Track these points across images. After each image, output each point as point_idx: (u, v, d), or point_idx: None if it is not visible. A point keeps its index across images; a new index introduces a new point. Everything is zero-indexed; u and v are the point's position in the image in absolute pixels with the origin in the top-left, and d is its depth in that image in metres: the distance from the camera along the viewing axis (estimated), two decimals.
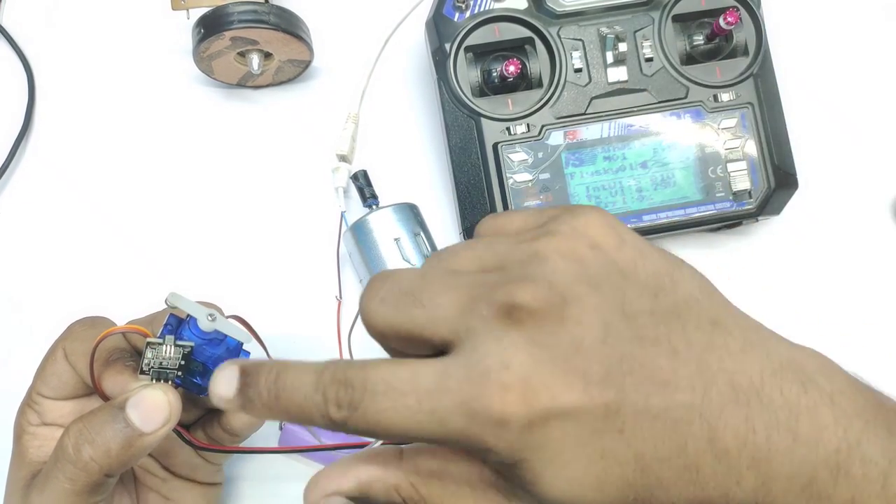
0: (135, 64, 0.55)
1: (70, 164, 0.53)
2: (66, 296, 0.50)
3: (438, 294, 0.27)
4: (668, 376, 0.27)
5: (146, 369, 0.35)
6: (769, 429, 0.27)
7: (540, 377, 0.25)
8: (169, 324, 0.35)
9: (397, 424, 0.25)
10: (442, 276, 0.28)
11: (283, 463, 0.47)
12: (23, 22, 0.56)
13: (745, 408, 0.27)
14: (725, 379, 0.27)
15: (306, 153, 0.53)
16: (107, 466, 0.33)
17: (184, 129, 0.54)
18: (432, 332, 0.27)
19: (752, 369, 0.27)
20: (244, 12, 0.48)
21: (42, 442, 0.37)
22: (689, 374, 0.27)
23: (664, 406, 0.26)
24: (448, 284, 0.27)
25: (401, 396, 0.25)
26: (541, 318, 0.26)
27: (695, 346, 0.27)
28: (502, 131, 0.47)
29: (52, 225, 0.52)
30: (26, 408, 0.37)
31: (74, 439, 0.33)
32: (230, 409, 0.28)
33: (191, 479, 0.41)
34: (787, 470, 0.27)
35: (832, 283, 0.50)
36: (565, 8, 0.47)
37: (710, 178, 0.47)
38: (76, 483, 0.33)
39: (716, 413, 0.27)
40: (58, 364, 0.37)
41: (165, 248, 0.51)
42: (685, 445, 0.27)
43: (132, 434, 0.33)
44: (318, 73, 0.55)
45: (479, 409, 0.25)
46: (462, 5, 0.47)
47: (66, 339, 0.37)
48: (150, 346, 0.34)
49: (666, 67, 0.47)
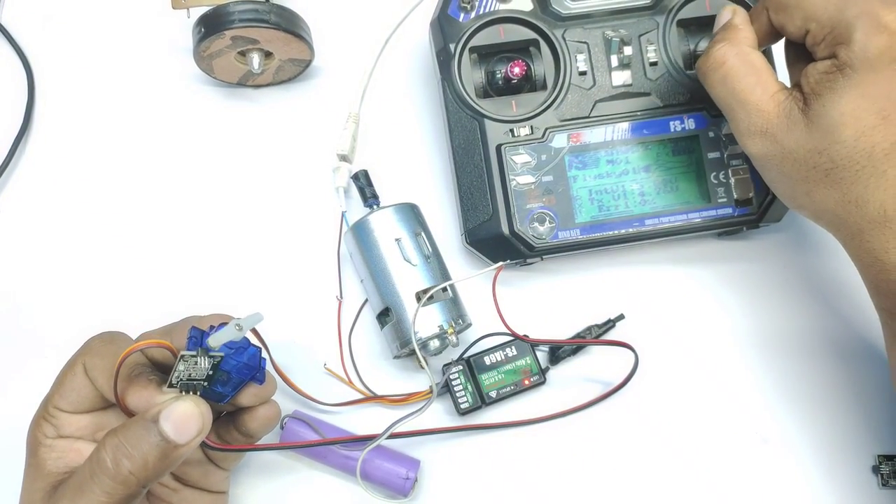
0: (135, 63, 0.55)
1: (70, 163, 0.53)
2: (65, 297, 0.50)
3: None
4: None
5: (175, 382, 0.35)
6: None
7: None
8: (193, 337, 0.35)
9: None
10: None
11: (283, 462, 0.47)
12: (23, 21, 0.56)
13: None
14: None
15: (307, 153, 0.52)
16: (144, 479, 0.34)
17: (184, 129, 0.53)
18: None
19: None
20: (245, 11, 0.47)
21: (60, 454, 0.37)
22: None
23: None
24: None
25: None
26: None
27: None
28: (506, 133, 0.46)
29: (51, 225, 0.52)
30: (42, 420, 0.37)
31: (113, 454, 0.33)
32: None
33: (201, 488, 0.41)
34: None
35: (833, 289, 0.50)
36: (571, 10, 0.47)
37: (712, 183, 0.47)
38: (113, 496, 0.33)
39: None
40: (77, 379, 0.37)
41: (165, 248, 0.51)
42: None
43: (167, 446, 0.34)
44: (319, 72, 0.54)
45: (873, 11, 0.37)
46: (467, 6, 0.47)
47: (85, 355, 0.38)
48: (183, 360, 0.35)
49: (670, 71, 0.47)
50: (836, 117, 0.37)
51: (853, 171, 0.38)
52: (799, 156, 0.39)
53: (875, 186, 0.37)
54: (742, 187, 0.47)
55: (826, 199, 0.39)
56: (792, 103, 0.39)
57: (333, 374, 0.48)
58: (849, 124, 0.37)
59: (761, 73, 0.40)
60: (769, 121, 0.40)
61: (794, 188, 0.40)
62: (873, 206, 0.38)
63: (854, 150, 0.37)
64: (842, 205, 0.39)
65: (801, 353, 0.49)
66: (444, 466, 0.47)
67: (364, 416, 0.47)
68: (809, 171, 0.39)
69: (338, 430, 0.46)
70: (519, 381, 0.46)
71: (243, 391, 0.39)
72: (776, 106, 0.39)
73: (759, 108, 0.40)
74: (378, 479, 0.45)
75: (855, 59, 0.37)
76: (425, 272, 0.45)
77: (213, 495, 0.42)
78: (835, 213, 0.39)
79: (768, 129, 0.40)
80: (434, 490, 0.46)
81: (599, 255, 0.50)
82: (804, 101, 0.39)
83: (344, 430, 0.46)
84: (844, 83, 0.37)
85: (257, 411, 0.40)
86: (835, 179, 0.38)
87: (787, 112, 0.39)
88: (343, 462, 0.45)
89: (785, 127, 0.39)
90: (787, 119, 0.39)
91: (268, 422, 0.40)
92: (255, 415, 0.40)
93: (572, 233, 0.46)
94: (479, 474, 0.47)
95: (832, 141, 0.38)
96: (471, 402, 0.46)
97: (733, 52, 0.41)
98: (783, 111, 0.39)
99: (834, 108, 0.37)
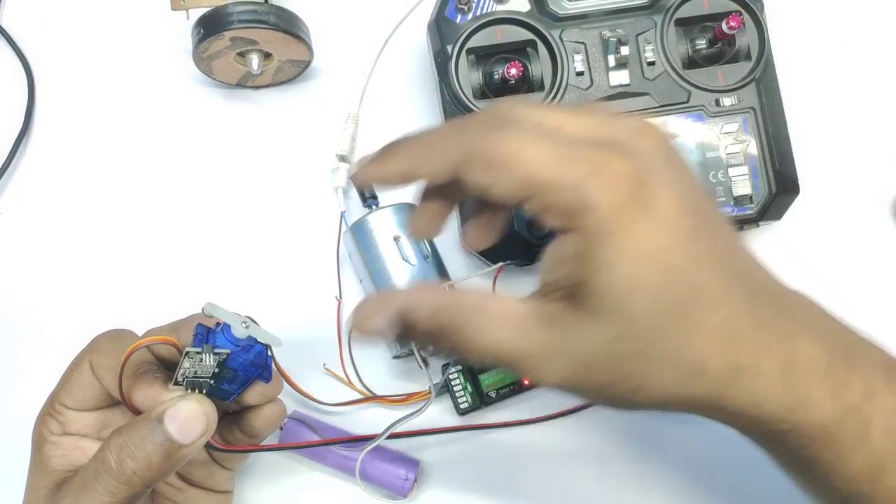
0: (134, 64, 0.55)
1: (70, 164, 0.53)
2: (66, 296, 0.50)
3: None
4: (729, 244, 0.32)
5: (181, 379, 0.35)
6: (792, 317, 0.32)
7: (654, 174, 0.29)
8: (199, 334, 0.35)
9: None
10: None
11: (282, 462, 0.47)
12: (23, 22, 0.56)
13: (774, 298, 0.32)
14: (761, 276, 0.33)
15: (306, 153, 0.52)
16: (148, 479, 0.34)
17: (183, 130, 0.53)
18: None
19: (777, 282, 0.33)
20: (244, 12, 0.47)
21: (65, 451, 0.37)
22: (741, 255, 0.32)
23: (723, 260, 0.31)
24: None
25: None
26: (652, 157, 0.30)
27: (744, 247, 0.33)
28: None
29: (52, 225, 0.52)
30: (47, 417, 0.37)
31: (117, 454, 0.33)
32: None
33: (206, 488, 0.41)
34: (809, 352, 0.31)
35: (833, 288, 0.50)
36: (568, 11, 0.47)
37: (711, 182, 0.47)
38: (116, 496, 0.33)
39: (754, 289, 0.31)
40: (84, 377, 0.37)
41: (165, 248, 0.51)
42: (732, 298, 0.30)
43: (172, 446, 0.34)
44: (318, 73, 0.54)
45: (603, 164, 0.29)
46: (464, 7, 0.47)
47: (92, 353, 0.38)
48: (188, 356, 0.34)
49: (668, 71, 0.47)
50: (617, 294, 0.29)
51: (669, 338, 0.29)
52: (598, 356, 0.30)
53: (703, 341, 0.29)
54: (741, 186, 0.47)
55: (661, 384, 0.30)
56: (549, 306, 0.30)
57: (333, 375, 0.48)
58: (641, 294, 0.29)
59: (491, 306, 0.31)
60: (539, 343, 0.30)
61: (618, 395, 0.31)
62: (715, 363, 0.30)
63: (656, 318, 0.29)
64: (682, 380, 0.30)
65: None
66: (443, 467, 0.47)
67: (364, 417, 0.48)
68: (623, 364, 0.30)
69: (337, 431, 0.46)
70: (519, 380, 0.46)
71: (250, 389, 0.39)
72: (533, 323, 0.30)
73: (521, 335, 0.30)
74: (377, 479, 0.45)
75: (608, 225, 0.28)
76: (424, 272, 0.45)
77: (218, 495, 0.42)
78: (678, 394, 0.30)
79: (546, 352, 0.30)
80: (434, 490, 0.46)
81: None
82: (566, 295, 0.30)
83: (343, 431, 0.46)
84: (609, 257, 0.29)
85: (263, 410, 0.40)
86: (656, 358, 0.30)
87: (550, 319, 0.30)
88: (342, 462, 0.45)
89: (560, 336, 0.30)
90: (554, 327, 0.30)
91: (273, 420, 0.40)
92: (261, 413, 0.40)
93: None
94: (479, 474, 0.47)
95: (626, 319, 0.29)
96: (470, 403, 0.46)
97: (456, 314, 0.31)
98: (543, 322, 0.30)
99: (614, 288, 0.29)
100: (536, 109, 0.32)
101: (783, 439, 0.31)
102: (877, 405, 0.30)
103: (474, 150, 0.30)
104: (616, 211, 0.28)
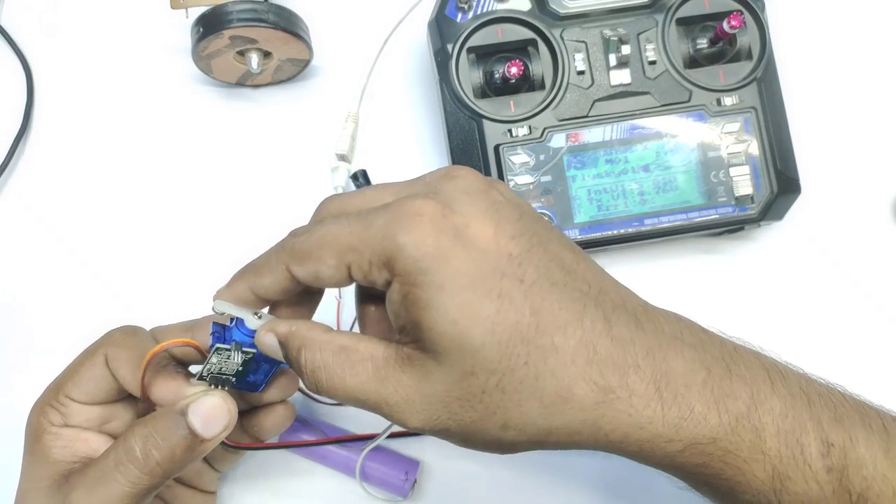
0: (133, 63, 0.55)
1: (69, 163, 0.53)
2: (66, 296, 0.50)
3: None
4: (570, 266, 0.31)
5: (205, 375, 0.35)
6: (658, 333, 0.31)
7: (460, 206, 0.30)
8: (216, 332, 0.35)
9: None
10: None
11: (282, 461, 0.47)
12: (21, 21, 0.56)
13: (633, 316, 0.31)
14: (617, 295, 0.32)
15: (306, 152, 0.52)
16: (169, 471, 0.34)
17: (183, 129, 0.53)
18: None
19: (637, 300, 0.32)
20: (243, 11, 0.47)
21: (66, 443, 0.37)
22: (587, 276, 0.31)
23: (563, 282, 0.30)
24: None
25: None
26: (471, 187, 0.31)
27: (593, 268, 0.32)
28: (504, 133, 0.46)
29: (51, 225, 0.52)
30: (48, 408, 0.37)
31: (143, 443, 0.34)
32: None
33: (192, 486, 0.42)
34: (681, 365, 0.30)
35: (835, 288, 0.50)
36: (568, 10, 0.47)
37: (712, 182, 0.47)
38: (137, 486, 0.34)
39: (609, 308, 0.30)
40: (96, 369, 0.37)
41: (164, 248, 0.51)
42: (582, 319, 0.30)
43: (194, 440, 0.34)
44: (318, 72, 0.54)
45: (403, 209, 0.30)
46: (465, 6, 0.47)
47: (107, 346, 0.38)
48: (217, 352, 0.35)
49: (669, 71, 0.47)
50: (451, 330, 0.29)
51: (523, 368, 0.29)
52: (456, 394, 0.30)
53: (562, 367, 0.29)
54: (742, 186, 0.46)
55: (528, 418, 0.30)
56: (405, 349, 0.31)
57: None
58: (474, 325, 0.28)
59: (356, 349, 0.31)
60: (397, 387, 0.30)
61: (488, 435, 0.31)
62: (582, 389, 0.29)
63: (502, 347, 0.29)
64: (549, 411, 0.29)
65: (802, 351, 0.49)
66: (443, 467, 0.47)
67: (364, 416, 0.46)
68: (482, 400, 0.29)
69: (337, 430, 0.46)
70: None
71: (273, 384, 0.39)
72: (392, 368, 0.31)
73: (381, 379, 0.31)
74: (377, 479, 0.45)
75: (418, 263, 0.29)
76: None
77: (203, 495, 0.42)
78: (551, 427, 0.30)
79: (406, 396, 0.30)
80: (434, 491, 0.46)
81: (599, 255, 0.50)
82: (412, 339, 0.30)
83: (344, 430, 0.46)
84: (430, 294, 0.29)
85: (276, 409, 0.40)
86: (514, 389, 0.29)
87: (407, 362, 0.30)
88: (343, 462, 0.45)
89: (418, 379, 0.30)
90: (412, 370, 0.30)
91: (283, 422, 0.40)
92: (273, 413, 0.40)
93: (571, 233, 0.46)
94: (479, 475, 0.47)
95: (470, 353, 0.29)
96: None
97: (317, 352, 0.32)
98: (401, 365, 0.30)
99: (445, 323, 0.29)
100: (341, 199, 0.34)
101: (680, 461, 0.30)
102: (765, 411, 0.30)
103: (293, 251, 0.32)
104: (425, 248, 0.29)
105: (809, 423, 0.30)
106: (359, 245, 0.30)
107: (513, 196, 0.32)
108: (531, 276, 0.30)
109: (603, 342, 0.29)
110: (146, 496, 0.34)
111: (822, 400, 0.31)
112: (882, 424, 0.31)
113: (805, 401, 0.31)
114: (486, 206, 0.30)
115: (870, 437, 0.30)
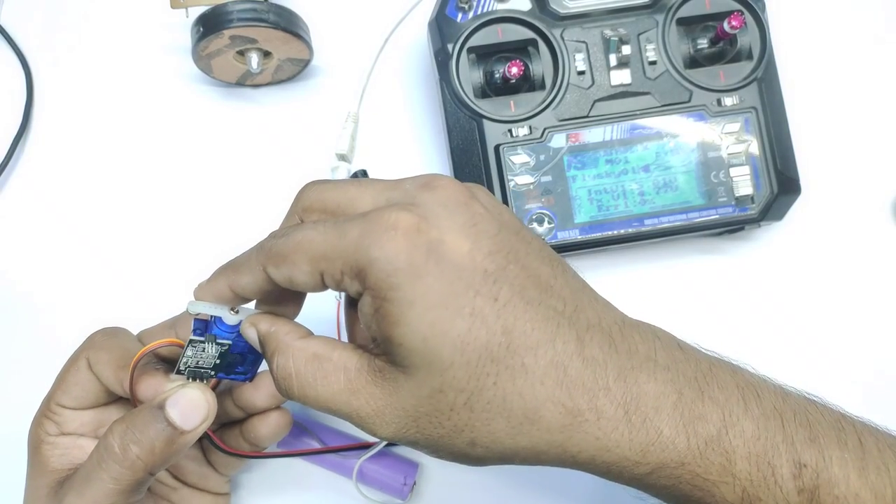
0: (133, 63, 0.54)
1: (69, 163, 0.53)
2: (65, 296, 0.50)
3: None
4: (547, 282, 0.30)
5: (183, 369, 0.36)
6: (632, 354, 0.30)
7: (436, 219, 0.29)
8: (197, 328, 0.36)
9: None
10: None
11: (281, 465, 0.47)
12: (21, 21, 0.56)
13: (608, 336, 0.30)
14: (593, 313, 0.31)
15: (306, 152, 0.52)
16: (151, 464, 0.34)
17: (182, 128, 0.53)
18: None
19: (613, 316, 0.32)
20: (243, 10, 0.47)
21: (63, 451, 0.37)
22: (564, 294, 0.31)
23: (538, 300, 0.30)
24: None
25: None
26: (451, 201, 0.30)
27: (571, 284, 0.31)
28: (504, 133, 0.46)
29: (50, 225, 0.52)
30: (43, 419, 0.38)
31: (120, 439, 0.34)
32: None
33: (200, 489, 0.42)
34: (653, 388, 0.30)
35: (835, 288, 0.50)
36: (569, 10, 0.47)
37: (712, 182, 0.47)
38: (120, 482, 0.34)
39: (583, 328, 0.30)
40: (81, 374, 0.37)
41: (163, 247, 0.51)
42: (554, 340, 0.29)
43: (174, 432, 0.34)
44: (318, 71, 0.54)
45: (378, 221, 0.29)
46: (465, 6, 0.47)
47: (89, 350, 0.38)
48: (191, 345, 0.35)
49: (669, 71, 0.47)
50: (421, 346, 0.28)
51: (492, 387, 0.29)
52: (424, 409, 0.30)
53: (530, 388, 0.29)
54: (742, 186, 0.46)
55: (495, 437, 0.30)
56: (377, 361, 0.31)
57: None
58: (444, 343, 0.28)
59: (329, 358, 0.31)
60: (369, 398, 0.30)
61: (456, 449, 0.31)
62: (550, 411, 0.29)
63: (471, 367, 0.29)
64: (516, 430, 0.29)
65: (802, 351, 0.49)
66: (442, 470, 0.47)
67: None
68: (450, 417, 0.29)
69: (336, 433, 0.46)
70: None
71: (260, 391, 0.39)
72: (364, 379, 0.31)
73: (352, 391, 0.31)
74: (376, 483, 0.45)
75: (389, 278, 0.28)
76: None
77: (213, 496, 0.42)
78: (517, 447, 0.30)
79: (377, 408, 0.30)
80: (432, 494, 0.46)
81: (599, 255, 0.50)
82: (383, 351, 0.30)
83: (342, 433, 0.46)
84: (401, 310, 0.28)
85: (269, 417, 0.40)
86: (482, 408, 0.29)
87: (379, 373, 0.30)
88: (341, 466, 0.45)
89: (389, 391, 0.30)
90: (384, 382, 0.30)
91: (278, 430, 0.40)
92: (267, 420, 0.40)
93: (571, 233, 0.46)
94: (478, 479, 0.47)
95: (439, 371, 0.29)
96: None
97: (290, 359, 0.32)
98: (373, 376, 0.30)
99: (415, 339, 0.28)
100: (320, 189, 0.33)
101: (649, 482, 0.30)
102: (736, 434, 0.30)
103: (270, 253, 0.32)
104: (397, 263, 0.28)
105: (782, 445, 0.30)
106: (332, 254, 0.30)
107: (494, 205, 0.32)
108: (505, 295, 0.29)
109: (574, 364, 0.29)
110: (133, 492, 0.34)
111: (796, 418, 0.31)
112: (858, 440, 0.31)
113: (779, 421, 0.30)
114: (464, 221, 0.30)
115: (844, 456, 0.30)
